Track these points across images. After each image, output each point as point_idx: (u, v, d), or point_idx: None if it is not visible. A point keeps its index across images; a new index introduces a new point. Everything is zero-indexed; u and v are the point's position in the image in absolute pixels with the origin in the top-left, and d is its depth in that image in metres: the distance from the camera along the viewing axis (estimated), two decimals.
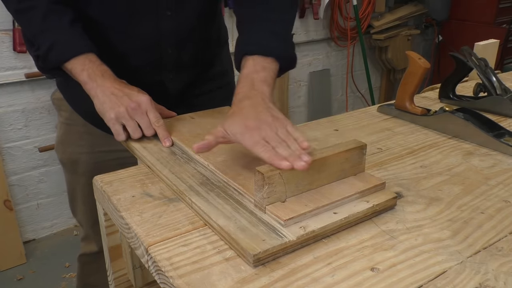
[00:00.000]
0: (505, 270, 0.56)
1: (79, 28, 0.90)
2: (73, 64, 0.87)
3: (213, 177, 0.73)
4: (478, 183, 0.77)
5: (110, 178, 0.78)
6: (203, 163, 0.77)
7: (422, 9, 3.32)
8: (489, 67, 1.12)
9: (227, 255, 0.58)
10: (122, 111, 0.83)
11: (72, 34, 0.88)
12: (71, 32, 0.88)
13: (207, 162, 0.76)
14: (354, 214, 0.63)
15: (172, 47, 0.98)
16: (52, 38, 0.87)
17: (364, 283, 0.53)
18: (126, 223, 0.66)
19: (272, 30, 0.89)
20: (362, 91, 3.34)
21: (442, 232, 0.63)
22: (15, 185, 2.11)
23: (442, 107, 1.00)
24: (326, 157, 0.66)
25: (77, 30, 0.89)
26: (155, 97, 0.89)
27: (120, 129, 0.85)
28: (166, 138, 0.84)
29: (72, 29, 0.88)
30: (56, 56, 0.87)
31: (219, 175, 0.73)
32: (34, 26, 0.89)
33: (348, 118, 1.08)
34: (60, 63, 0.88)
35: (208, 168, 0.75)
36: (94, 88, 0.85)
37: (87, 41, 0.89)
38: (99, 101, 0.85)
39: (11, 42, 1.90)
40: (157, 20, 0.93)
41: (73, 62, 0.87)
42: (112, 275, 0.84)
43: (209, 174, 0.75)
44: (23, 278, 1.98)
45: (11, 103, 2.00)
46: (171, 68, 1.01)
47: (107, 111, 0.84)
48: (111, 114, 0.83)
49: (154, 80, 1.00)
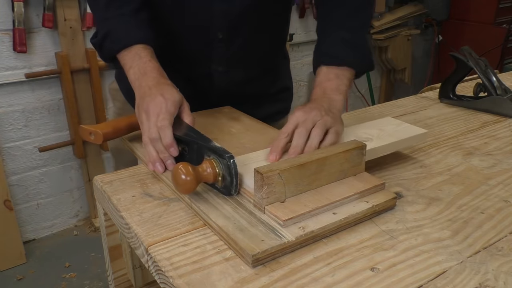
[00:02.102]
0: (505, 270, 0.56)
1: (141, 16, 0.88)
2: (123, 58, 0.85)
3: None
4: (478, 183, 0.77)
5: (110, 178, 0.78)
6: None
7: (422, 9, 3.32)
8: (489, 67, 1.12)
9: (227, 255, 0.58)
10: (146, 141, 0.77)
11: (129, 23, 0.86)
12: (129, 21, 0.86)
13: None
14: (353, 214, 0.63)
15: (222, 32, 0.95)
16: (109, 27, 0.86)
17: (364, 283, 0.53)
18: (126, 223, 0.66)
19: (344, 37, 0.89)
20: (362, 91, 3.34)
21: (442, 232, 0.63)
22: (15, 185, 2.11)
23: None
24: (326, 157, 0.66)
25: (137, 19, 0.87)
26: (200, 93, 0.86)
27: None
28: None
29: (131, 18, 0.87)
30: (110, 46, 0.86)
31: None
32: (98, 14, 0.89)
33: (348, 118, 1.08)
34: (113, 53, 0.86)
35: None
36: (136, 93, 0.82)
37: (143, 31, 0.87)
38: (137, 111, 0.80)
39: (11, 42, 1.90)
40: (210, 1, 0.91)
41: (124, 56, 0.85)
42: (112, 275, 0.84)
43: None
44: (23, 278, 1.98)
45: (11, 103, 2.00)
46: (220, 61, 0.99)
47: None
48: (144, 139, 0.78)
49: (202, 72, 0.99)
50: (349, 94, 3.26)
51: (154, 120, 0.74)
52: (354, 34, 0.91)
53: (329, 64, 0.87)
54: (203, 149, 0.70)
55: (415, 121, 1.05)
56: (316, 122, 0.74)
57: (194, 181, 0.64)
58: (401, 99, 1.23)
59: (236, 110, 1.03)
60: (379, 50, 3.27)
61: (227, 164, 0.64)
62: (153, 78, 0.81)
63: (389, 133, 0.82)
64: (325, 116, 0.76)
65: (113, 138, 0.85)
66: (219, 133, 0.89)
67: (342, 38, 0.89)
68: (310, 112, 0.75)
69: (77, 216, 2.34)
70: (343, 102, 0.83)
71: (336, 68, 0.86)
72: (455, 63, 1.14)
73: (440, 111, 1.13)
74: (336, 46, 0.88)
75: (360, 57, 0.90)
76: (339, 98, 0.82)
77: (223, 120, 0.96)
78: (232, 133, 0.90)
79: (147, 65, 0.83)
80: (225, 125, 0.93)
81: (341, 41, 0.89)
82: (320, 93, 0.83)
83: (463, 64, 1.12)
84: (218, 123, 0.94)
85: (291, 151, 0.72)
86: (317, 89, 0.85)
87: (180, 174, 0.63)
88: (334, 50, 0.88)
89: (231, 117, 0.98)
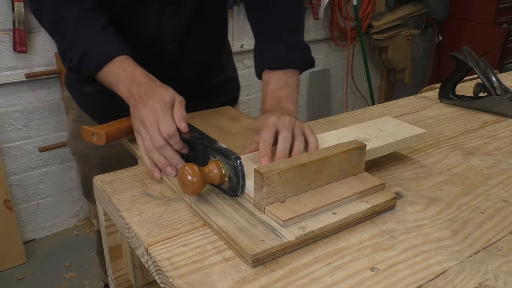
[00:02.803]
0: (505, 270, 0.56)
1: (111, 31, 0.86)
2: (106, 74, 0.83)
3: None
4: (478, 183, 0.77)
5: (110, 178, 0.78)
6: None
7: (422, 9, 3.32)
8: (489, 67, 1.12)
9: (227, 255, 0.58)
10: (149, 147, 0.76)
11: (102, 40, 0.84)
12: (102, 37, 0.85)
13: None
14: (353, 214, 0.63)
15: (172, 43, 0.97)
16: (82, 49, 0.83)
17: (364, 283, 0.53)
18: (126, 223, 0.66)
19: (287, 40, 0.92)
20: (362, 91, 3.34)
21: (442, 232, 0.63)
22: (15, 185, 2.11)
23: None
24: (326, 158, 0.66)
25: (108, 34, 0.85)
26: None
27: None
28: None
29: (102, 34, 0.85)
30: (89, 65, 0.83)
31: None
32: (67, 38, 0.86)
33: (348, 118, 1.08)
34: (93, 72, 0.84)
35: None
36: (130, 104, 0.81)
37: (118, 43, 0.85)
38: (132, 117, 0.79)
39: (11, 42, 1.90)
40: (158, 15, 0.93)
41: (107, 72, 0.83)
42: (112, 275, 0.84)
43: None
44: (23, 278, 1.98)
45: (11, 103, 2.00)
46: (172, 67, 1.01)
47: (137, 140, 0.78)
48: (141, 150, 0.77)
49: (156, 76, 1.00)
50: (349, 94, 3.26)
51: (154, 128, 0.73)
52: (292, 35, 0.94)
53: (275, 69, 0.90)
54: (208, 150, 0.69)
55: (415, 121, 1.05)
56: (293, 127, 0.76)
57: (200, 182, 0.63)
58: (401, 99, 1.23)
59: (236, 110, 1.03)
60: (379, 50, 3.27)
61: (234, 165, 0.64)
62: (142, 85, 0.79)
63: (388, 133, 0.82)
64: (296, 120, 0.78)
65: (116, 139, 0.84)
66: (219, 133, 0.89)
67: (283, 40, 0.92)
68: (281, 117, 0.76)
69: (77, 216, 2.34)
70: (297, 110, 0.88)
71: (283, 74, 0.90)
72: (455, 63, 1.14)
73: (440, 111, 1.13)
74: (278, 50, 0.92)
75: (302, 57, 0.94)
76: (292, 107, 0.86)
77: (223, 120, 0.96)
78: (232, 133, 0.90)
79: (133, 73, 0.81)
80: (225, 125, 0.93)
81: (282, 43, 0.92)
82: (275, 103, 0.86)
83: (463, 64, 1.12)
84: (218, 123, 0.94)
85: (279, 155, 0.71)
86: (270, 98, 0.88)
87: (186, 175, 0.63)
88: (277, 53, 0.91)
89: (231, 117, 0.98)
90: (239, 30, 2.55)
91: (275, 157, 0.71)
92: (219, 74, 1.15)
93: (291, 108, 0.86)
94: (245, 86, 2.71)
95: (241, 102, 2.72)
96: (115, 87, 0.82)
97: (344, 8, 2.93)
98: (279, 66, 0.90)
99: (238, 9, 2.49)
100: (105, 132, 0.81)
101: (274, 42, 0.93)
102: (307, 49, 0.96)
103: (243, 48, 2.58)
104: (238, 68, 2.58)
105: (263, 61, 0.93)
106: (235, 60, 1.25)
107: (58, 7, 0.85)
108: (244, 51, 2.60)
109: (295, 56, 0.92)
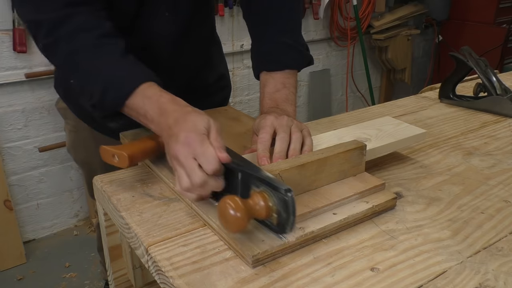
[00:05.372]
0: (505, 270, 0.56)
1: (132, 57, 0.78)
2: (132, 107, 0.74)
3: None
4: (478, 183, 0.77)
5: (110, 178, 0.78)
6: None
7: (422, 9, 3.31)
8: (489, 67, 1.12)
9: (227, 255, 0.58)
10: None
11: (123, 68, 0.76)
12: (123, 66, 0.77)
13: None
14: (353, 215, 0.63)
15: (168, 51, 0.97)
16: (104, 80, 0.75)
17: (364, 283, 0.53)
18: (126, 223, 0.66)
19: (285, 41, 0.92)
20: (362, 91, 3.34)
21: (442, 232, 0.63)
22: (15, 185, 2.11)
23: None
24: (326, 158, 0.66)
25: (129, 61, 0.78)
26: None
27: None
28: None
29: (123, 62, 0.77)
30: (113, 98, 0.74)
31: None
32: (82, 71, 0.77)
33: (348, 118, 1.08)
34: (118, 106, 0.75)
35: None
36: (163, 138, 0.71)
37: (140, 70, 0.77)
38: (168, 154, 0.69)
39: (11, 42, 1.90)
40: (156, 22, 0.92)
41: (132, 104, 0.74)
42: (112, 275, 0.84)
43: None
44: (23, 278, 1.98)
45: (11, 103, 2.00)
46: (168, 71, 1.00)
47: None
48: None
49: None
50: (349, 94, 3.26)
51: (191, 164, 0.62)
52: (288, 34, 0.94)
53: (273, 70, 0.90)
54: (251, 179, 0.60)
55: (415, 121, 1.05)
56: (290, 127, 0.75)
57: (245, 218, 0.54)
58: (401, 99, 1.23)
59: (236, 110, 1.03)
60: (379, 50, 3.27)
61: (284, 199, 0.54)
62: (170, 113, 0.69)
63: (388, 133, 0.82)
64: (294, 120, 0.78)
65: (140, 161, 0.77)
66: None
67: (279, 40, 0.92)
68: (279, 118, 0.76)
69: (77, 216, 2.34)
70: (295, 112, 0.88)
71: (281, 75, 0.89)
72: (455, 63, 1.14)
73: (440, 111, 1.13)
74: (276, 50, 0.91)
75: (298, 56, 0.93)
76: (291, 109, 0.86)
77: (223, 120, 0.96)
78: (232, 133, 0.90)
79: (160, 102, 0.72)
80: (225, 125, 0.93)
81: (278, 43, 0.92)
82: (273, 105, 0.86)
83: (463, 64, 1.12)
84: (219, 123, 0.94)
85: (276, 156, 0.70)
86: (267, 100, 0.88)
87: (228, 209, 0.53)
88: (273, 54, 0.91)
89: (231, 117, 0.98)
90: (239, 30, 2.55)
91: (273, 159, 0.70)
92: (211, 71, 1.14)
93: (289, 110, 0.86)
94: (245, 86, 2.70)
95: (241, 102, 2.74)
96: (143, 120, 0.74)
97: (344, 8, 2.93)
98: (276, 67, 0.90)
99: (238, 9, 2.49)
100: (128, 153, 0.71)
101: (271, 42, 0.93)
102: (304, 47, 0.96)
103: (243, 48, 2.58)
104: (238, 68, 2.58)
105: (260, 62, 0.93)
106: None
107: (72, 35, 0.76)
108: (244, 51, 2.60)
109: (291, 56, 0.92)
